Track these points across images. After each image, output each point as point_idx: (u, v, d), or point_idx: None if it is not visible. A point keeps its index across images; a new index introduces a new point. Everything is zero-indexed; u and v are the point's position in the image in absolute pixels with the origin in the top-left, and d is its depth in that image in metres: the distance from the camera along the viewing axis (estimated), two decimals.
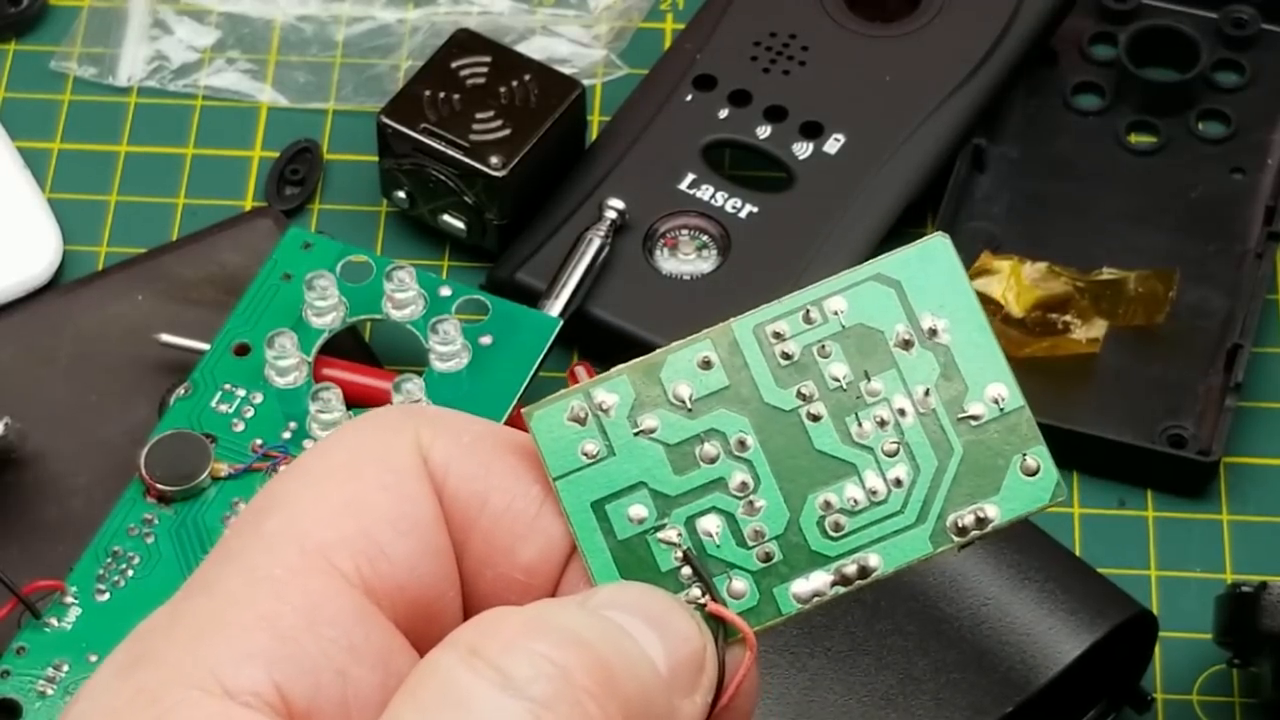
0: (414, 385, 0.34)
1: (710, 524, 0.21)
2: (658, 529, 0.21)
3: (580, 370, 0.37)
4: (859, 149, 0.38)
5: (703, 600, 0.20)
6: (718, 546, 0.21)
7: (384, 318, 0.36)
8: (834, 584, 0.21)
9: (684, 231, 0.38)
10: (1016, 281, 0.37)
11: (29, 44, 0.46)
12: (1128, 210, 0.40)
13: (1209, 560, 0.40)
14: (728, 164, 0.39)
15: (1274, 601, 0.35)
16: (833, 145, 0.38)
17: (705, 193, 0.37)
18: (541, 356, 0.36)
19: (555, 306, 0.36)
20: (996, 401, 0.21)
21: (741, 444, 0.21)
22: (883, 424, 0.21)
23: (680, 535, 0.21)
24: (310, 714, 0.18)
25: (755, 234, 0.37)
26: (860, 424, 0.21)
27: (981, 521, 0.20)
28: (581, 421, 0.21)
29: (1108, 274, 0.37)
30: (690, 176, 0.38)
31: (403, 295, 0.35)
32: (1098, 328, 0.37)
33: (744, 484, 0.21)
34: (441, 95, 0.39)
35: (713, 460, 0.21)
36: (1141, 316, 0.37)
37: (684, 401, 0.21)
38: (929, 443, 0.21)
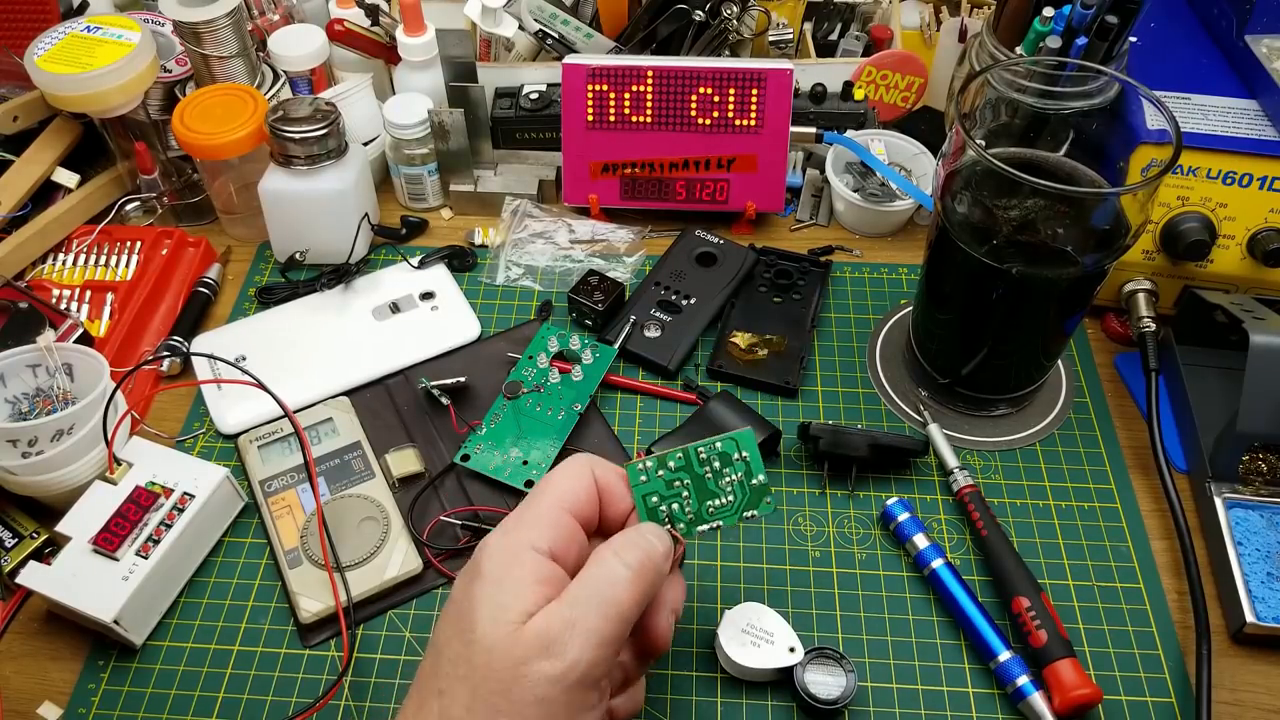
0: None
1: (675, 506, 0.47)
2: (661, 505, 0.47)
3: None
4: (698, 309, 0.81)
5: (671, 529, 0.47)
6: (678, 512, 0.47)
7: None
8: (709, 529, 0.48)
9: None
10: (741, 339, 0.80)
11: None
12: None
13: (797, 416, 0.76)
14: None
15: (816, 426, 0.70)
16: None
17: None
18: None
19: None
20: (758, 480, 0.48)
21: (684, 484, 0.47)
22: (728, 481, 0.47)
23: (666, 509, 0.47)
24: (557, 558, 0.44)
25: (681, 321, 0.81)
26: (719, 482, 0.47)
27: (752, 516, 0.48)
28: (640, 470, 0.47)
29: (769, 336, 0.79)
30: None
31: None
32: (766, 348, 0.78)
33: (685, 495, 0.47)
34: None
35: (675, 486, 0.47)
36: (779, 345, 0.79)
37: (670, 468, 0.47)
38: (738, 490, 0.47)
